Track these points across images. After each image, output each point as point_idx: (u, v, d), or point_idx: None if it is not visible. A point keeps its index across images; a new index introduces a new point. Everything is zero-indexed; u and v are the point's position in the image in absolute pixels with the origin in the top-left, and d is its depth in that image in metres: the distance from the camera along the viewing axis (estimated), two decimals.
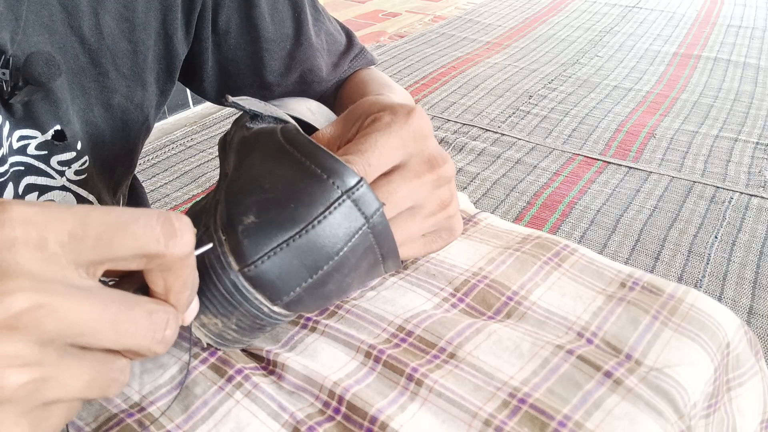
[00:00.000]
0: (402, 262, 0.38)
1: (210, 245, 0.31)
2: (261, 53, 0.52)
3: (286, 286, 0.31)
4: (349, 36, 0.60)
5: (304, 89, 0.56)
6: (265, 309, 0.31)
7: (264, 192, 0.31)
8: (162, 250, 0.24)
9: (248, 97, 0.37)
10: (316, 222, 0.30)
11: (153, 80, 0.47)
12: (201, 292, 0.31)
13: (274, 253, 0.30)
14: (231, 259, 0.30)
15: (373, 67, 0.61)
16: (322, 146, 0.32)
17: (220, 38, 0.49)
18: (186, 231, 0.24)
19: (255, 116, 0.36)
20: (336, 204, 0.30)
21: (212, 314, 0.31)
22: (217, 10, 0.48)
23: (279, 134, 0.33)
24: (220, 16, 0.48)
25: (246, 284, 0.30)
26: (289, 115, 0.38)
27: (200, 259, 0.31)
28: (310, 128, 0.39)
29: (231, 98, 0.35)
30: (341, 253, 0.31)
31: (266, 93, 0.54)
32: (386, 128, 0.34)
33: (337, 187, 0.31)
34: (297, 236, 0.30)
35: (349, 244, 0.31)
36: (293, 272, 0.30)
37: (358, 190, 0.31)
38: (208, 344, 0.35)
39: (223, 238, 0.31)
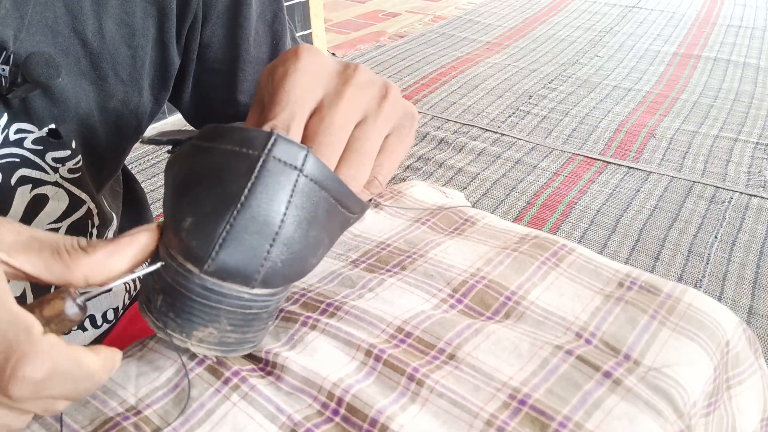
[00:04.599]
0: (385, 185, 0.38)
1: (160, 264, 0.31)
2: (236, 72, 0.52)
3: (251, 264, 0.30)
4: None
5: None
6: (246, 296, 0.31)
7: (190, 192, 0.31)
8: None
9: (172, 130, 0.37)
10: (247, 192, 0.29)
11: (148, 87, 0.47)
12: (182, 311, 0.31)
13: (223, 239, 0.29)
14: (189, 266, 0.30)
15: None
16: (225, 125, 0.32)
17: (201, 50, 0.50)
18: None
19: (177, 144, 0.36)
20: (258, 167, 0.30)
21: (202, 326, 0.31)
22: (205, 24, 0.48)
23: (193, 139, 0.33)
24: (205, 29, 0.49)
25: (214, 281, 0.30)
26: None
27: (164, 282, 0.31)
28: None
29: (146, 137, 0.36)
30: (286, 211, 0.30)
31: (236, 111, 0.54)
32: (285, 75, 0.34)
33: (252, 151, 0.30)
34: (235, 213, 0.29)
35: (292, 200, 0.30)
36: (250, 248, 0.30)
37: (274, 146, 0.30)
38: (217, 357, 0.34)
39: (173, 252, 0.30)
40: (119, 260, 0.29)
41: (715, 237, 1.61)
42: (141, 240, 0.30)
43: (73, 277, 0.28)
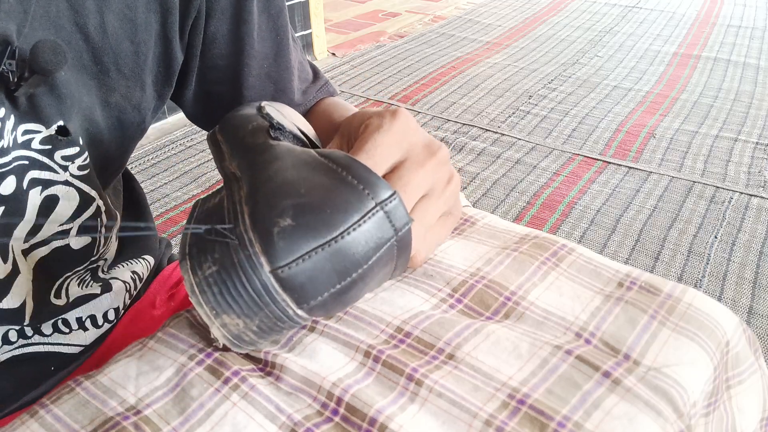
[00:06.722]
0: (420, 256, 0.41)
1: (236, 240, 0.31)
2: (241, 67, 0.52)
3: (315, 290, 0.31)
4: (315, 70, 0.63)
5: None
6: (290, 312, 0.31)
7: (300, 196, 0.31)
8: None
9: (275, 103, 0.38)
10: (351, 229, 0.31)
11: (151, 82, 0.47)
12: (228, 293, 0.31)
13: (309, 256, 0.30)
14: (263, 260, 0.30)
15: (336, 96, 0.64)
16: (357, 159, 0.33)
17: (205, 46, 0.50)
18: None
19: (278, 128, 0.37)
20: (370, 214, 0.31)
21: (236, 314, 0.31)
22: (208, 19, 0.48)
23: (317, 152, 0.35)
24: (209, 25, 0.49)
25: (276, 285, 0.30)
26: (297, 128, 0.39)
27: (227, 258, 0.31)
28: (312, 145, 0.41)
29: (266, 106, 0.37)
30: (370, 262, 0.32)
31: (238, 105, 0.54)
32: (379, 129, 0.37)
33: (372, 197, 0.32)
34: (333, 241, 0.30)
35: (378, 254, 0.32)
36: (324, 277, 0.31)
37: (391, 202, 0.32)
38: (224, 345, 0.35)
39: (254, 238, 0.30)
40: None
41: (715, 237, 1.61)
42: None
43: None
